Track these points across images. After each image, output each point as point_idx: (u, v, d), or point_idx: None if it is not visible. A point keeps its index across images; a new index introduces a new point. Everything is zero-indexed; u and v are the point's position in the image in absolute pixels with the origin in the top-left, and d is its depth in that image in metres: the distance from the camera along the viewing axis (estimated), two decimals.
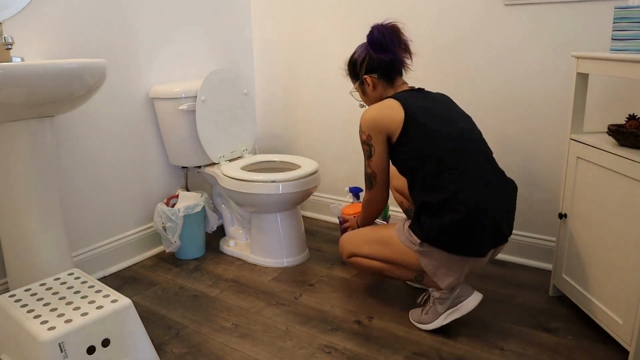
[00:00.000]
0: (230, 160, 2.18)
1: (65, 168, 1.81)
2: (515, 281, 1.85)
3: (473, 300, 1.49)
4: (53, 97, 1.34)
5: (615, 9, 1.34)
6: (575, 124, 1.56)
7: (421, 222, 1.45)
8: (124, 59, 1.95)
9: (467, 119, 1.54)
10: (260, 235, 2.02)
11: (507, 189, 1.47)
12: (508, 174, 1.96)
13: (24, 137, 1.40)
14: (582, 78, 1.53)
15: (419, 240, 1.45)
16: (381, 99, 1.61)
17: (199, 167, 2.18)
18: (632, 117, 1.43)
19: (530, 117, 1.87)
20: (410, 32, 2.05)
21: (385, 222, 2.00)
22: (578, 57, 1.50)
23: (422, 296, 1.64)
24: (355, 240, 1.64)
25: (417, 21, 2.03)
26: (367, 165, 1.58)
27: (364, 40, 1.62)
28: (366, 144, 1.54)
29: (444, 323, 1.52)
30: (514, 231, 1.99)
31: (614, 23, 1.35)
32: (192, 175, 2.31)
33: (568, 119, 1.60)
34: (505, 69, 1.88)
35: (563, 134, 1.82)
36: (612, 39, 1.36)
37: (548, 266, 1.92)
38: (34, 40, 1.65)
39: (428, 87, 2.06)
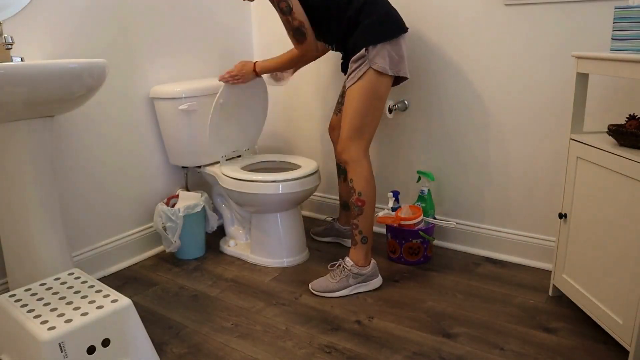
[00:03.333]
0: (228, 160, 2.18)
1: (65, 168, 1.81)
2: (515, 281, 1.85)
3: (378, 280, 1.82)
4: (53, 97, 1.34)
5: (615, 9, 1.34)
6: (575, 124, 1.56)
7: (354, 42, 1.68)
8: (124, 59, 1.95)
9: None
10: (260, 235, 2.03)
11: None
12: (508, 173, 1.96)
13: (24, 137, 1.40)
14: (582, 78, 1.52)
15: (363, 50, 1.65)
16: None
17: (199, 167, 2.18)
18: (632, 117, 1.43)
19: (530, 117, 1.87)
20: (410, 32, 2.05)
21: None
22: (578, 57, 1.50)
23: (334, 263, 1.83)
24: (348, 121, 1.72)
25: (417, 21, 2.03)
26: (291, 20, 1.68)
27: None
28: (283, 2, 1.65)
29: (350, 293, 1.77)
30: (514, 231, 2.00)
31: (614, 23, 1.35)
32: (192, 175, 2.31)
33: (568, 119, 1.60)
34: (505, 69, 1.88)
35: (563, 134, 1.82)
36: (612, 39, 1.36)
37: (548, 266, 1.92)
38: (34, 40, 1.65)
39: (428, 87, 2.06)
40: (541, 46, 1.79)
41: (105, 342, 1.24)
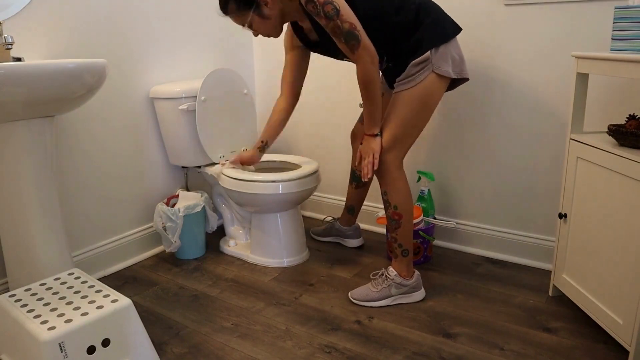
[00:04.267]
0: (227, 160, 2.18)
1: (65, 168, 1.81)
2: (515, 281, 1.85)
3: (421, 293, 1.74)
4: (53, 97, 1.34)
5: (615, 9, 1.34)
6: (575, 124, 1.56)
7: (416, 42, 1.54)
8: (124, 59, 1.95)
9: None
10: (260, 235, 2.02)
11: None
12: (508, 173, 1.96)
13: (24, 137, 1.40)
14: (582, 78, 1.52)
15: (428, 52, 1.53)
16: (283, 13, 1.56)
17: (199, 167, 2.18)
18: (632, 117, 1.43)
19: (530, 117, 1.87)
20: None
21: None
22: (578, 57, 1.50)
23: (377, 272, 1.76)
24: (385, 135, 1.58)
25: None
26: (342, 23, 1.44)
27: None
28: (328, 4, 1.43)
29: (391, 304, 1.70)
30: (514, 231, 2.00)
31: (614, 23, 1.35)
32: (192, 175, 2.31)
33: (568, 119, 1.60)
34: (505, 69, 1.88)
35: (563, 134, 1.82)
36: (612, 39, 1.36)
37: (548, 266, 1.92)
38: (34, 40, 1.65)
39: None
40: (541, 46, 1.79)
41: (105, 342, 1.24)
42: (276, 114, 1.90)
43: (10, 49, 1.46)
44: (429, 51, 1.53)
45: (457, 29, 1.59)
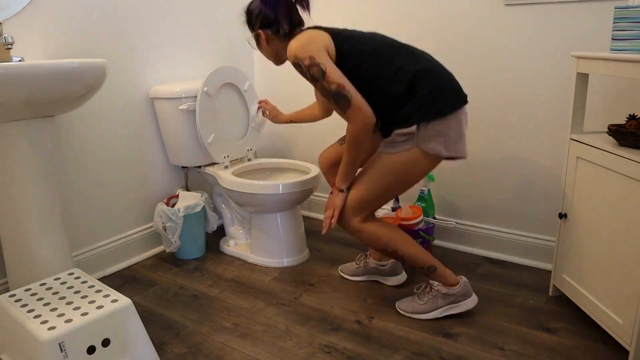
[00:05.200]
0: (232, 162, 2.18)
1: (65, 168, 1.81)
2: (515, 281, 1.85)
3: (472, 300, 1.60)
4: (53, 97, 1.34)
5: (615, 9, 1.34)
6: (575, 124, 1.56)
7: (405, 114, 1.44)
8: (124, 59, 1.95)
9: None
10: (260, 235, 2.02)
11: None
12: (508, 173, 1.96)
13: (24, 137, 1.40)
14: (582, 78, 1.53)
15: (414, 126, 1.42)
16: (277, 53, 1.60)
17: (199, 167, 2.18)
18: (632, 117, 1.43)
19: (530, 117, 1.87)
20: (410, 32, 2.05)
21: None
22: (578, 57, 1.50)
23: (421, 285, 1.66)
24: (352, 195, 1.53)
25: (417, 21, 2.03)
26: (328, 85, 1.41)
27: None
28: (314, 66, 1.42)
29: (440, 316, 1.58)
30: (514, 231, 2.00)
31: (614, 23, 1.35)
32: (192, 175, 2.31)
33: (568, 119, 1.60)
34: (505, 69, 1.88)
35: (563, 134, 1.82)
36: (612, 39, 1.36)
37: (548, 266, 1.92)
38: (34, 40, 1.65)
39: None
40: (541, 46, 1.79)
41: (105, 342, 1.24)
42: (310, 111, 1.92)
43: (10, 49, 1.46)
44: (415, 126, 1.43)
45: (458, 103, 1.45)
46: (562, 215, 1.61)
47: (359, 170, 1.58)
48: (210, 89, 2.04)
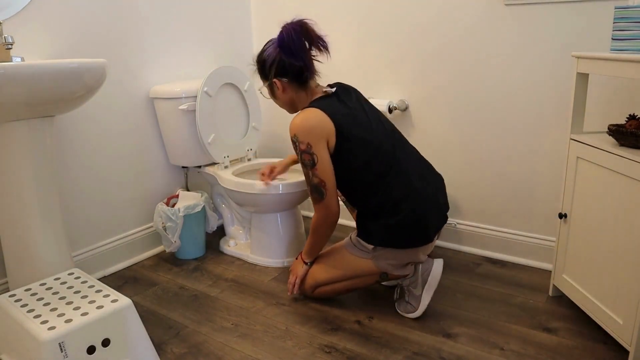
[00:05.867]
0: (232, 162, 2.18)
1: (65, 168, 1.81)
2: (515, 281, 1.85)
3: (437, 266, 1.58)
4: (53, 97, 1.34)
5: (615, 9, 1.34)
6: (575, 124, 1.56)
7: (368, 228, 1.53)
8: (124, 59, 1.95)
9: (384, 118, 1.60)
10: (260, 235, 2.02)
11: (439, 178, 1.62)
12: (508, 173, 1.96)
13: (24, 137, 1.40)
14: (582, 78, 1.52)
15: (370, 247, 1.53)
16: (292, 102, 1.60)
17: (199, 167, 2.18)
18: (632, 117, 1.43)
19: (530, 117, 1.87)
20: (410, 32, 2.05)
21: None
22: (578, 57, 1.50)
23: (395, 291, 1.70)
24: (312, 273, 1.67)
25: (417, 20, 2.03)
26: (312, 176, 1.50)
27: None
28: (307, 153, 1.48)
29: (428, 302, 1.59)
30: (514, 231, 2.00)
31: (614, 23, 1.35)
32: (192, 175, 2.31)
33: (568, 119, 1.60)
34: (505, 69, 1.88)
35: (563, 134, 1.82)
36: (612, 39, 1.36)
37: (548, 266, 1.92)
38: (34, 40, 1.65)
39: (428, 86, 2.06)
40: (541, 46, 1.79)
41: (105, 342, 1.24)
42: None
43: (10, 49, 1.46)
44: (372, 246, 1.53)
45: (418, 242, 1.50)
46: (562, 215, 1.61)
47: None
48: (210, 89, 2.04)
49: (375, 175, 1.50)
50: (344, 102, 1.54)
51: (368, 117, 1.54)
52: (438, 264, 1.58)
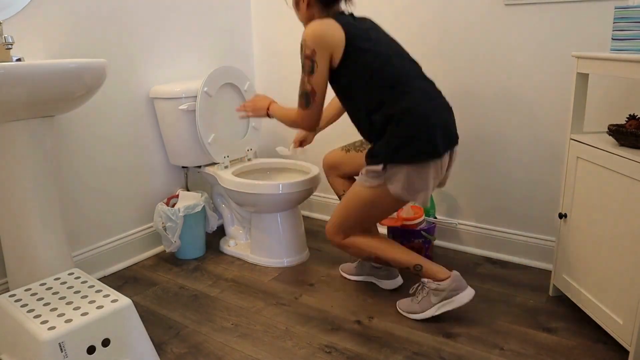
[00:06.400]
0: (232, 162, 2.18)
1: (65, 168, 1.81)
2: (515, 281, 1.85)
3: (467, 294, 1.55)
4: (53, 97, 1.34)
5: (615, 9, 1.34)
6: (575, 124, 1.56)
7: (375, 150, 1.50)
8: (124, 59, 1.95)
9: (396, 42, 1.58)
10: (260, 235, 2.02)
11: (449, 106, 1.56)
12: (508, 173, 1.96)
13: (24, 137, 1.40)
14: (582, 78, 1.52)
15: (380, 167, 1.48)
16: (312, 19, 1.58)
17: (199, 167, 2.18)
18: (632, 117, 1.43)
19: (530, 117, 1.87)
20: (410, 32, 2.05)
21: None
22: (578, 57, 1.50)
23: (415, 286, 1.66)
24: (332, 215, 1.64)
25: (417, 20, 2.03)
26: (306, 82, 1.52)
27: None
28: (309, 59, 1.49)
29: (436, 314, 1.57)
30: (514, 231, 2.00)
31: (614, 23, 1.35)
32: (192, 175, 2.31)
33: (568, 119, 1.60)
34: (505, 69, 1.88)
35: (563, 134, 1.82)
36: (612, 39, 1.36)
37: (548, 266, 1.92)
38: (34, 40, 1.65)
39: None
40: (541, 46, 1.79)
41: (105, 342, 1.24)
42: (333, 108, 1.89)
43: (10, 49, 1.46)
44: (382, 165, 1.48)
45: (429, 156, 1.45)
46: (562, 215, 1.61)
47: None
48: (210, 89, 2.04)
49: (381, 87, 1.48)
50: (359, 21, 1.55)
51: (379, 35, 1.54)
52: (469, 292, 1.55)
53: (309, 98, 1.53)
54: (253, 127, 2.29)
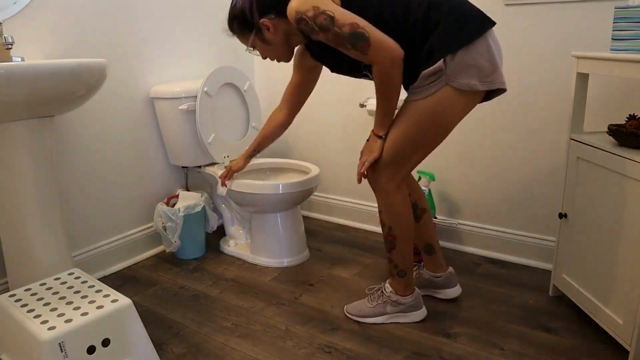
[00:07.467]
0: (232, 162, 2.18)
1: (65, 168, 1.81)
2: (515, 281, 1.85)
3: (421, 313, 1.60)
4: (53, 97, 1.34)
5: (615, 9, 1.34)
6: (575, 124, 1.56)
7: (425, 51, 1.30)
8: (124, 59, 1.95)
9: None
10: (260, 235, 2.02)
11: None
12: (508, 173, 1.96)
13: (24, 137, 1.40)
14: (582, 78, 1.53)
15: (440, 62, 1.28)
16: (287, 37, 1.44)
17: (199, 167, 2.18)
18: (632, 117, 1.43)
19: (530, 117, 1.87)
20: None
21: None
22: (578, 57, 1.50)
23: (373, 288, 1.66)
24: (385, 156, 1.40)
25: None
26: (340, 30, 1.26)
27: None
28: (320, 15, 1.27)
29: (386, 322, 1.59)
30: (514, 231, 2.00)
31: (614, 23, 1.35)
32: (192, 175, 2.31)
33: (568, 119, 1.60)
34: (505, 69, 1.88)
35: (563, 134, 1.82)
36: (612, 39, 1.36)
37: (548, 266, 1.92)
38: (34, 40, 1.65)
39: None
40: (541, 46, 1.79)
41: (105, 342, 1.24)
42: (271, 127, 1.78)
43: (10, 49, 1.46)
44: (442, 60, 1.28)
45: (484, 26, 1.28)
46: (562, 215, 1.61)
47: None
48: (210, 89, 2.04)
49: (396, 3, 1.30)
50: None
51: None
52: (423, 312, 1.60)
53: (358, 33, 1.25)
54: (253, 127, 2.29)
